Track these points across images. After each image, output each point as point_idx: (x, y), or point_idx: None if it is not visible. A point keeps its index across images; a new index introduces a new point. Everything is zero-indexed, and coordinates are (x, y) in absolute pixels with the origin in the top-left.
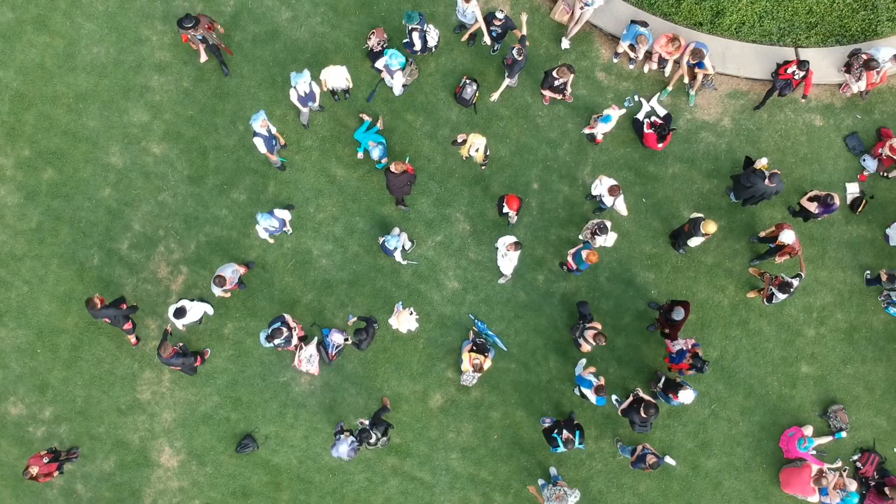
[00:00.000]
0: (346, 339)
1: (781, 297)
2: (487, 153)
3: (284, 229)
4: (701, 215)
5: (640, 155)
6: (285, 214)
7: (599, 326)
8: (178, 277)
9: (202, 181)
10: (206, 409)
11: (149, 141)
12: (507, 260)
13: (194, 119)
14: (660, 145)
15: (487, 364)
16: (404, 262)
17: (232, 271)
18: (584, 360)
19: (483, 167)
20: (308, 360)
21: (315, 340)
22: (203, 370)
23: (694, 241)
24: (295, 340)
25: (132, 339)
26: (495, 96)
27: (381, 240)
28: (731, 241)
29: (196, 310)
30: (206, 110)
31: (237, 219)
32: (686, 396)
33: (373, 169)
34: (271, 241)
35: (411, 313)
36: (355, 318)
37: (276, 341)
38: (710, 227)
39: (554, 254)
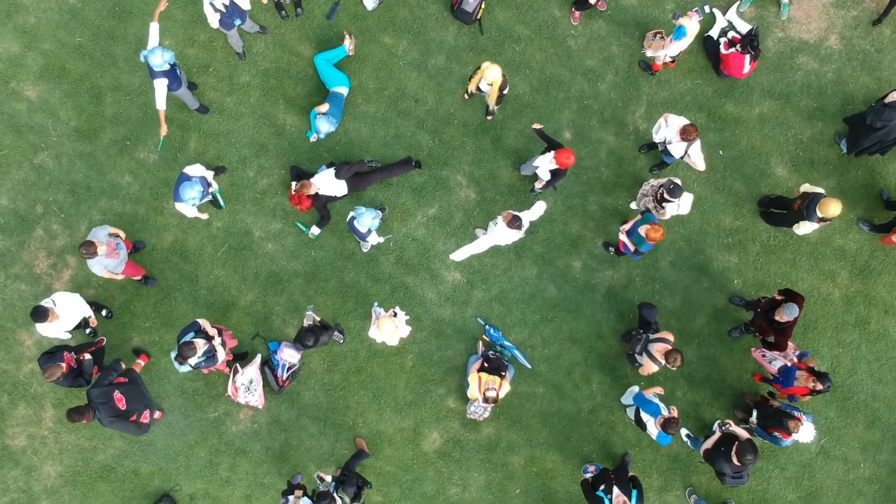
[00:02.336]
0: (302, 356)
1: None
2: (504, 91)
3: (207, 196)
4: (819, 190)
5: (714, 89)
6: (198, 170)
7: (672, 339)
8: (63, 272)
9: (96, 136)
10: (106, 460)
11: (20, 81)
12: (493, 234)
13: (84, 49)
14: (744, 70)
15: (505, 389)
16: (368, 247)
17: (105, 235)
18: (635, 387)
19: (493, 113)
20: (248, 387)
21: (258, 360)
22: None
23: (805, 228)
24: (222, 355)
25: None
26: None
27: (349, 216)
28: (844, 209)
29: (69, 307)
30: (101, 36)
31: (145, 188)
32: (805, 433)
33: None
34: (203, 215)
35: (396, 314)
36: (317, 319)
37: (192, 361)
38: (833, 208)
39: (595, 230)
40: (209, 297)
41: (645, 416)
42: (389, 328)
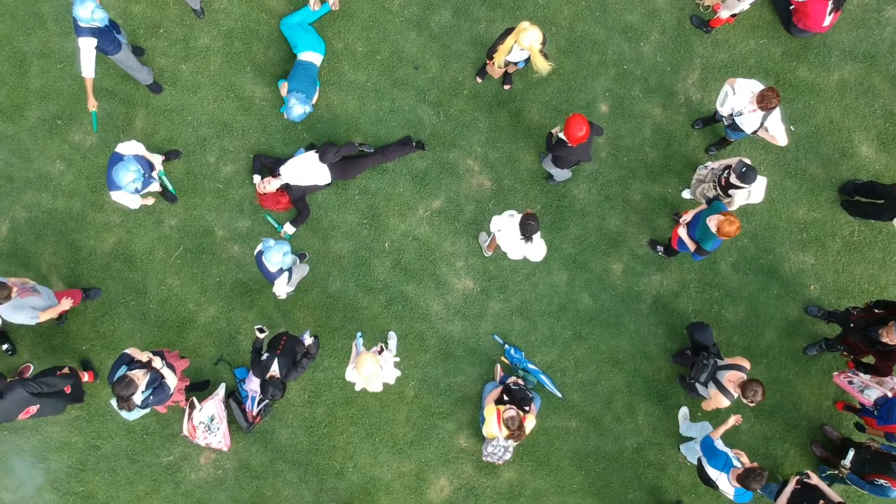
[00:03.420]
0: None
1: None
2: (544, 46)
3: (152, 182)
4: None
5: (784, 50)
6: (133, 147)
7: (747, 366)
8: None
9: (19, 114)
10: None
11: None
12: (508, 222)
13: (3, 6)
14: (825, 23)
15: (530, 424)
16: (281, 292)
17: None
18: (685, 409)
19: (541, 69)
20: (208, 425)
21: (221, 391)
22: (27, 445)
23: None
24: (174, 380)
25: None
26: None
27: (257, 249)
28: None
29: None
30: None
31: (81, 178)
32: None
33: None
34: (149, 200)
35: (381, 350)
36: (264, 333)
37: (138, 398)
38: None
39: (639, 225)
40: (160, 312)
41: (713, 472)
42: (370, 368)
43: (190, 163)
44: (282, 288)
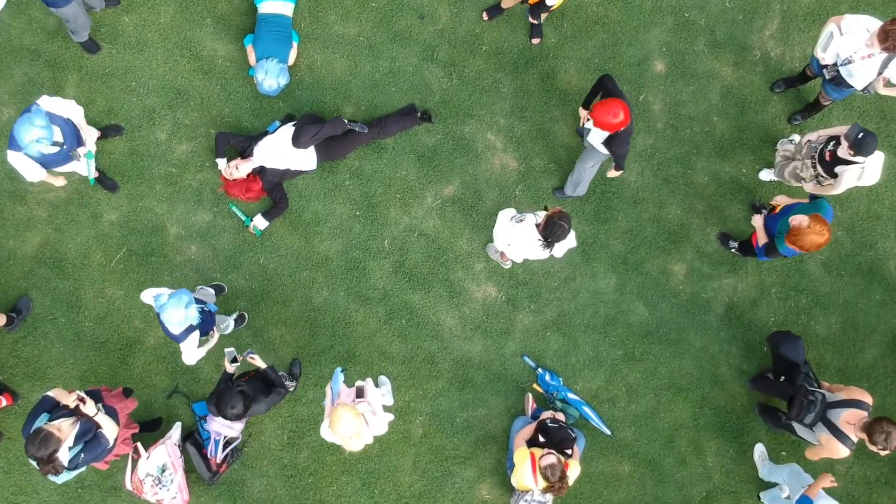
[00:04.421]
0: (247, 424)
1: None
2: None
3: (70, 162)
4: None
5: None
6: (59, 105)
7: (869, 400)
8: None
9: None
10: None
11: None
12: (517, 232)
13: None
14: None
15: (574, 472)
16: (189, 359)
17: None
18: (761, 445)
19: (542, 32)
20: (158, 478)
21: (175, 433)
22: None
23: None
24: (113, 429)
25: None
26: None
27: (154, 300)
28: None
29: None
30: None
31: None
32: None
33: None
34: (58, 181)
35: (363, 392)
36: (237, 364)
37: (63, 457)
38: None
39: (706, 215)
40: (98, 331)
41: None
42: (348, 427)
43: (135, 140)
44: (192, 353)
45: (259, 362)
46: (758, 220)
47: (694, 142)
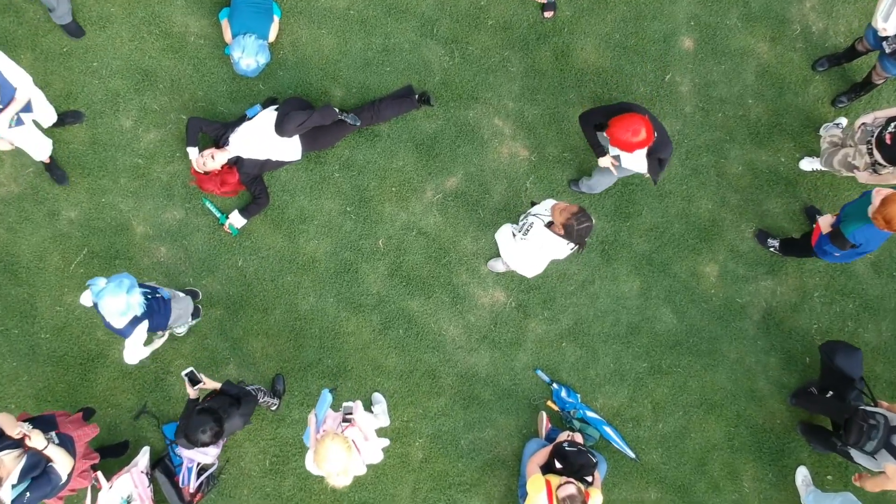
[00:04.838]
0: (223, 448)
1: None
2: None
3: (21, 126)
4: None
5: None
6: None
7: None
8: None
9: None
10: None
11: None
12: (537, 245)
13: None
14: None
15: (595, 502)
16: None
17: None
18: (808, 479)
19: (555, 4)
20: None
21: (143, 458)
22: None
23: None
24: (67, 462)
25: None
26: None
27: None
28: None
29: None
30: None
31: None
32: None
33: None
34: (1, 144)
35: (350, 416)
36: (199, 384)
37: (7, 497)
38: None
39: (741, 210)
40: (56, 344)
41: None
42: (336, 461)
43: (97, 128)
44: (135, 350)
45: (210, 383)
46: (827, 219)
47: (726, 127)
